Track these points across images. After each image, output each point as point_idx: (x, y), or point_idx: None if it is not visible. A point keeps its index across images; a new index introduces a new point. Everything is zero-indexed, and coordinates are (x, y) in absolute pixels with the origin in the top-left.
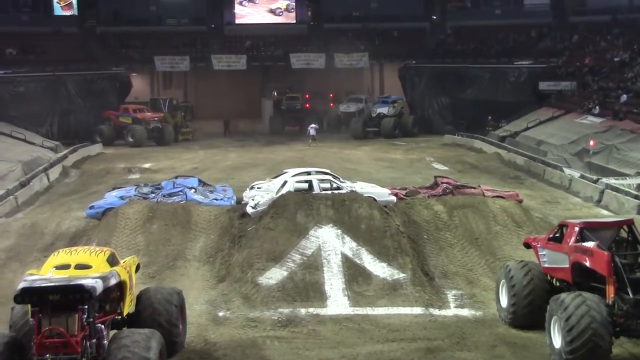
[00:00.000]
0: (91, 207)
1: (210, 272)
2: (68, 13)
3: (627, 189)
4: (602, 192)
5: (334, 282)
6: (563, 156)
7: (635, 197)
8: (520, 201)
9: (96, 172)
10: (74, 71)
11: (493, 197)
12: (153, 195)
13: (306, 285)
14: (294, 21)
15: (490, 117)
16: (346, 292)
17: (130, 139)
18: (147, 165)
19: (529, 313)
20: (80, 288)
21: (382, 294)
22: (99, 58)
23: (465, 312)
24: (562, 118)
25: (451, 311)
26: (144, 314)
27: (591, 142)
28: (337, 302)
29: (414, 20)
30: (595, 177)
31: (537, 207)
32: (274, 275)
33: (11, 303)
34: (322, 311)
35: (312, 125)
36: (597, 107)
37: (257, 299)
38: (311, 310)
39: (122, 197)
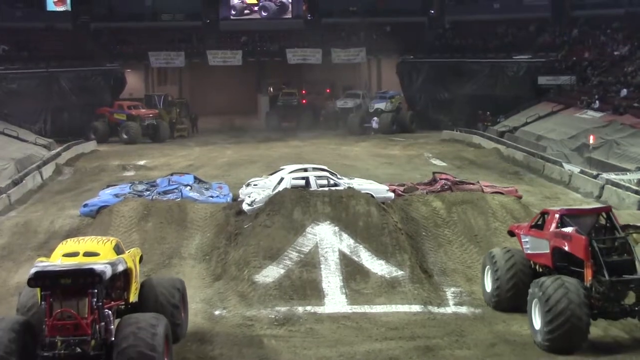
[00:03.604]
0: (85, 205)
1: (206, 270)
2: (61, 9)
3: (627, 184)
4: (602, 188)
5: (331, 279)
6: (563, 151)
7: (636, 192)
8: (520, 197)
9: (90, 170)
10: (68, 67)
11: (492, 193)
12: (148, 192)
13: (303, 283)
14: (290, 16)
15: (488, 113)
16: (344, 290)
17: (125, 136)
18: (142, 163)
19: (512, 297)
20: (91, 272)
21: (380, 291)
22: (93, 54)
23: (464, 309)
24: (562, 113)
25: (450, 309)
26: (147, 303)
27: (591, 137)
28: (335, 300)
29: (411, 15)
30: (595, 173)
31: (537, 203)
32: (270, 273)
33: (6, 302)
34: (319, 309)
35: (374, 118)
36: (597, 102)
37: (254, 298)
38: (309, 308)
39: (116, 195)
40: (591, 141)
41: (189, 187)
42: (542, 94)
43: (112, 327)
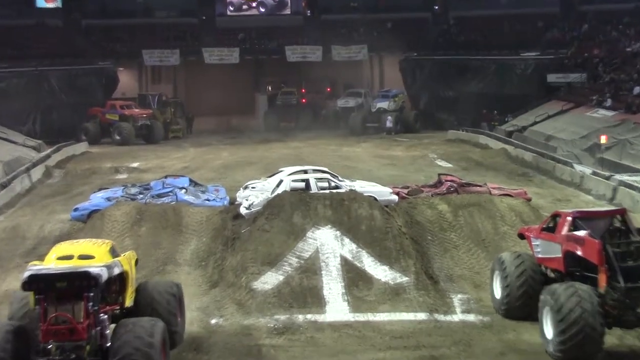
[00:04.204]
0: (76, 209)
1: (202, 277)
2: (52, 5)
3: None
4: (615, 189)
5: (332, 286)
6: (573, 152)
7: None
8: (529, 199)
9: (81, 172)
10: (58, 66)
11: (500, 195)
12: (141, 196)
13: (304, 290)
14: (289, 12)
15: (495, 112)
16: (346, 297)
17: (118, 137)
18: (135, 165)
19: (523, 304)
20: (87, 275)
21: (384, 298)
22: (84, 52)
23: (472, 317)
24: (572, 112)
25: (457, 316)
26: (143, 307)
27: (603, 137)
28: (337, 307)
29: (415, 10)
30: (607, 174)
31: (547, 205)
32: (269, 280)
33: None
34: (320, 317)
35: (389, 117)
36: (609, 100)
37: (252, 305)
38: (309, 316)
39: (108, 199)
40: (603, 141)
41: (184, 190)
42: (552, 92)
43: (108, 332)
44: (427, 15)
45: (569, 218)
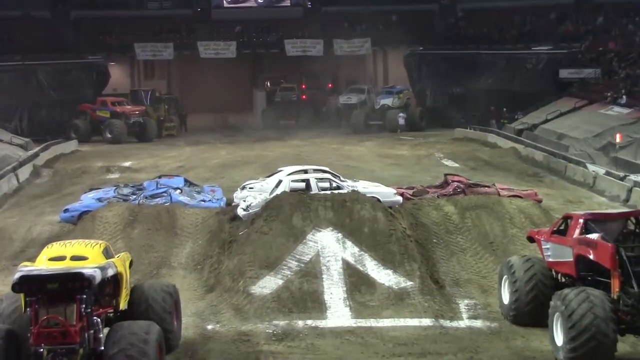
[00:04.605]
0: (65, 211)
1: (198, 281)
2: None
3: None
4: (630, 191)
5: (334, 291)
6: (586, 151)
7: None
8: (540, 201)
9: (71, 172)
10: (46, 60)
11: (509, 196)
12: (134, 196)
13: (304, 295)
14: (289, 4)
15: (504, 109)
16: (348, 302)
17: (109, 135)
18: (127, 164)
19: (532, 310)
20: (80, 276)
21: (388, 304)
22: (74, 45)
23: (479, 323)
24: (585, 109)
25: (464, 322)
26: (138, 310)
27: (617, 136)
28: (338, 313)
29: (421, 2)
30: (622, 174)
31: (558, 207)
32: (268, 284)
33: None
34: (321, 323)
35: (401, 114)
36: (624, 97)
37: (250, 311)
38: (309, 322)
39: (99, 199)
40: (618, 140)
41: (178, 191)
42: (564, 89)
43: (102, 335)
44: (434, 8)
45: (581, 220)
